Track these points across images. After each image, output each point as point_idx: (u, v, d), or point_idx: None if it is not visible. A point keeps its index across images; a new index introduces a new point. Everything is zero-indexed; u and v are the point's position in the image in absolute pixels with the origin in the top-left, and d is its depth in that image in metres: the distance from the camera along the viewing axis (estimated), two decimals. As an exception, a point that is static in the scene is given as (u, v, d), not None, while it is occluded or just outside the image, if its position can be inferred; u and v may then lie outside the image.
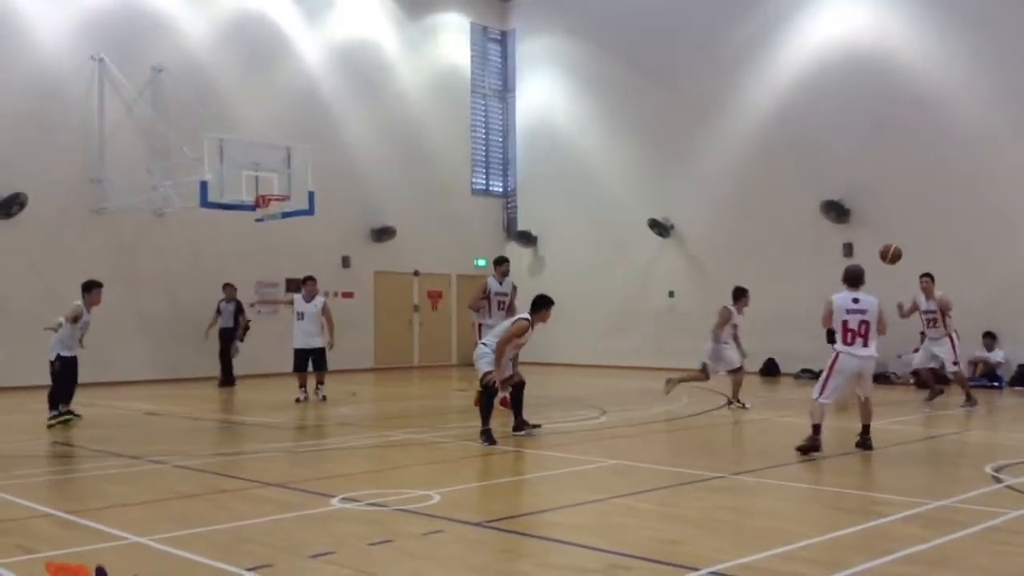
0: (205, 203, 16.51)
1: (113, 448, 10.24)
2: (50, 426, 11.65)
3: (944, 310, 14.48)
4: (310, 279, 15.62)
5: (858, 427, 9.69)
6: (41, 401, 12.29)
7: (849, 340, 9.26)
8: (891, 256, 11.78)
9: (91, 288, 12.45)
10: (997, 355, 17.65)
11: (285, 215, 17.79)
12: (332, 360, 15.67)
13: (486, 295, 13.72)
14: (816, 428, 9.16)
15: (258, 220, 18.06)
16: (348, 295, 22.54)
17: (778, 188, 20.78)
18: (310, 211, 17.66)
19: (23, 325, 17.33)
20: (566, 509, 6.99)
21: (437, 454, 9.85)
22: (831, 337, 18.53)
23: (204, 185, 16.34)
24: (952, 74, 18.67)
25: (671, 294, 22.90)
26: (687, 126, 22.52)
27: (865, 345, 9.27)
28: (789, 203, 20.52)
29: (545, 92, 25.85)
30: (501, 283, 13.86)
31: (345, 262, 22.74)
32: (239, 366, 18.70)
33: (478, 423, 10.20)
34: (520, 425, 10.74)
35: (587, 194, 24.38)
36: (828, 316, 9.47)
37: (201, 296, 19.81)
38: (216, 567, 5.17)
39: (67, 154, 18.42)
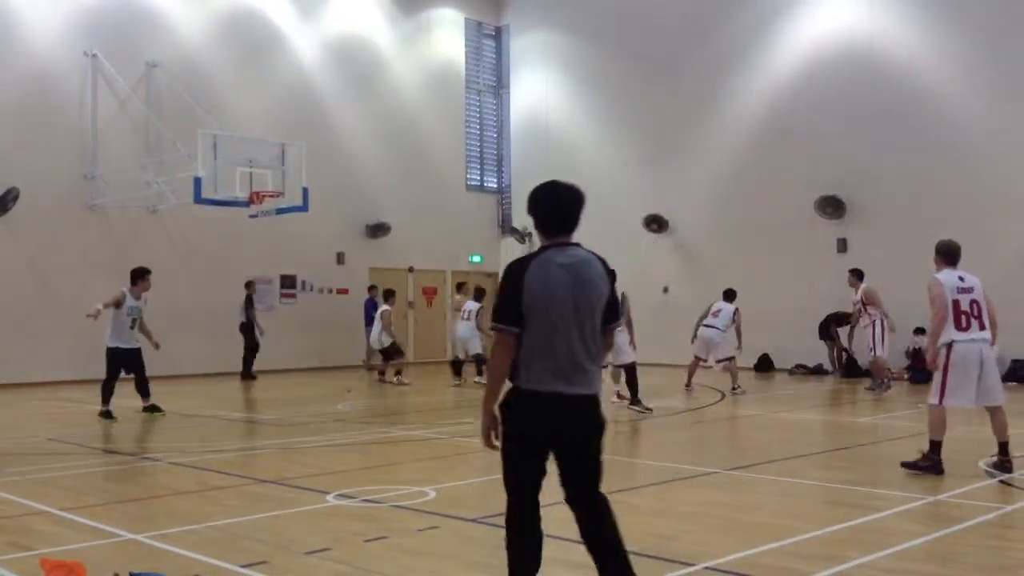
0: (199, 199, 16.48)
1: (107, 445, 10.23)
2: (145, 409, 12.46)
3: (867, 301, 15.56)
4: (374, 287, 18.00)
5: (850, 422, 9.69)
6: (37, 397, 12.26)
7: (964, 325, 8.01)
8: None
9: (138, 276, 12.64)
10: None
11: (279, 211, 17.77)
12: (328, 357, 15.68)
13: None
14: (936, 445, 7.85)
15: (252, 216, 18.04)
16: (343, 291, 22.52)
17: (772, 184, 20.80)
18: (304, 207, 17.64)
19: (17, 321, 17.31)
20: (561, 505, 6.99)
21: (432, 450, 9.86)
22: (825, 333, 18.52)
23: (198, 181, 16.30)
24: (946, 68, 18.69)
25: (665, 290, 22.92)
26: (681, 121, 22.51)
27: (982, 328, 8.14)
28: (783, 198, 20.53)
29: (539, 88, 25.83)
30: None
31: (340, 258, 22.72)
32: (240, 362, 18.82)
33: (473, 420, 10.19)
34: None
35: (581, 190, 24.34)
36: (942, 302, 7.97)
37: (195, 292, 19.81)
38: (211, 564, 5.17)
39: (61, 150, 18.37)
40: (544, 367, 4.01)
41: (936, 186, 18.58)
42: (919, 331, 18.50)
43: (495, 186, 26.87)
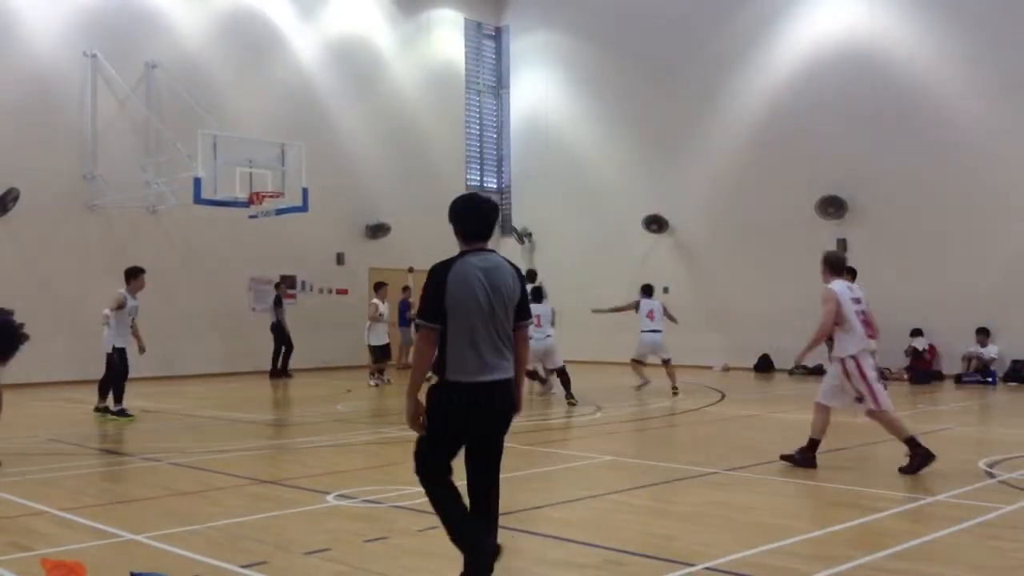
0: (199, 200, 16.47)
1: (108, 445, 10.23)
2: (113, 413, 12.17)
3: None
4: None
5: (850, 423, 9.68)
6: (37, 398, 12.26)
7: (869, 333, 8.33)
8: None
9: (132, 275, 12.79)
10: (990, 351, 17.69)
11: (279, 212, 17.77)
12: (328, 357, 15.66)
13: None
14: (912, 441, 8.05)
15: (252, 217, 18.04)
16: (343, 292, 22.53)
17: (772, 184, 20.80)
18: (304, 208, 17.64)
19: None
20: (561, 505, 7.00)
21: (432, 450, 9.85)
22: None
23: (198, 182, 16.30)
24: (946, 68, 18.70)
25: (666, 290, 22.89)
26: (682, 122, 22.52)
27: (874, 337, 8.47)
28: (783, 198, 20.54)
29: (539, 88, 25.84)
30: None
31: (339, 259, 22.72)
32: (241, 363, 18.81)
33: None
34: None
35: (582, 190, 24.38)
36: (833, 315, 8.17)
37: (195, 293, 19.81)
38: (211, 564, 5.18)
39: (61, 150, 18.37)
40: (465, 358, 4.52)
41: (936, 186, 18.58)
42: (916, 332, 18.54)
43: (495, 186, 26.87)
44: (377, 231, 23.20)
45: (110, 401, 12.44)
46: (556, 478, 8.18)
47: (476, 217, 4.71)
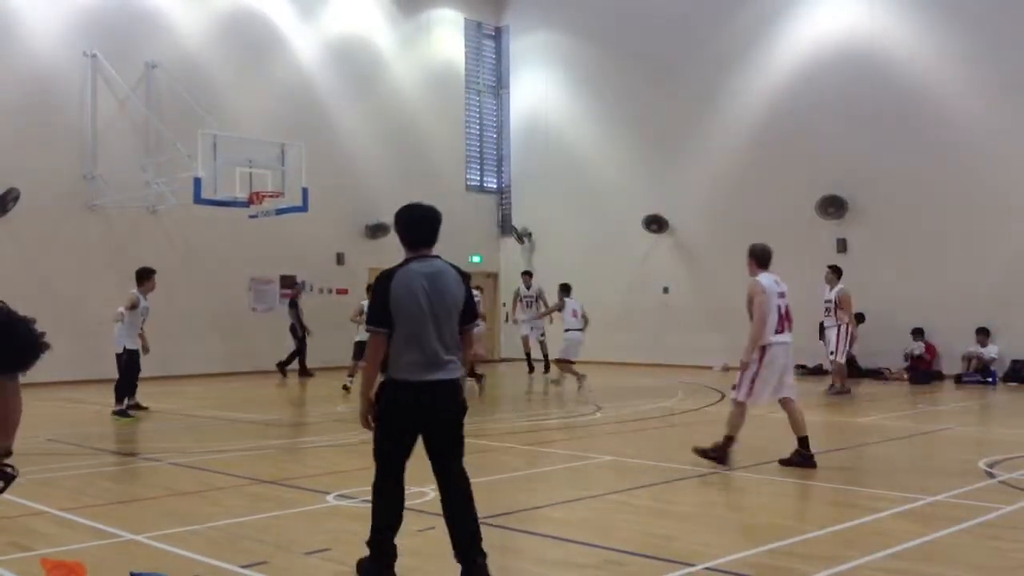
0: (199, 199, 16.48)
1: (108, 445, 10.23)
2: (115, 413, 12.23)
3: (839, 304, 15.29)
4: None
5: (850, 423, 9.69)
6: (37, 398, 12.26)
7: (780, 327, 8.35)
8: None
9: (145, 276, 12.88)
10: (990, 351, 17.69)
11: (279, 212, 17.77)
12: (328, 357, 15.68)
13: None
14: (731, 439, 8.28)
15: (252, 217, 18.04)
16: (343, 292, 22.52)
17: (772, 184, 20.79)
18: (304, 208, 17.64)
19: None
20: (561, 505, 7.00)
21: (432, 450, 9.85)
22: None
23: (198, 182, 16.31)
24: (946, 67, 18.70)
25: (666, 290, 22.92)
26: (682, 122, 22.52)
27: (791, 331, 8.46)
28: (783, 199, 20.52)
29: (539, 88, 25.83)
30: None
31: (339, 259, 22.72)
32: (241, 363, 18.81)
33: (472, 420, 10.18)
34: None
35: (582, 190, 24.38)
36: (766, 307, 8.21)
37: (195, 293, 19.81)
38: (211, 564, 5.18)
39: (61, 150, 18.37)
40: (410, 360, 4.78)
41: (936, 186, 18.58)
42: (917, 332, 18.54)
43: (495, 186, 26.87)
44: (377, 231, 23.19)
45: (139, 398, 12.80)
46: (556, 478, 8.18)
47: (418, 226, 4.99)
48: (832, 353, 15.34)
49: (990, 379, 17.32)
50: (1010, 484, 7.49)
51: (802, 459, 8.13)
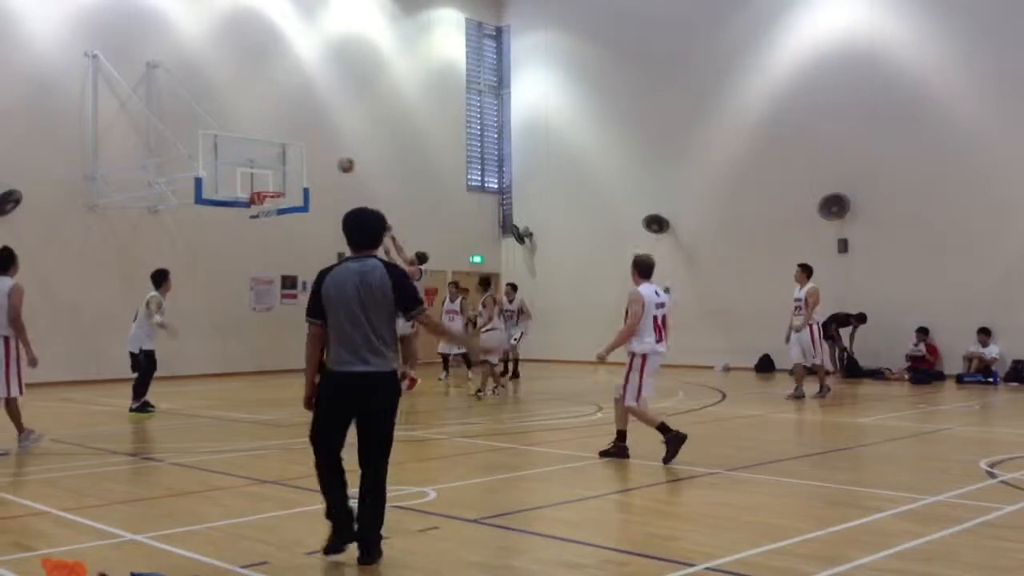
0: (200, 200, 16.48)
1: (110, 445, 10.23)
2: (132, 410, 12.72)
3: (809, 302, 14.71)
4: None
5: (851, 423, 9.69)
6: (38, 398, 12.27)
7: (659, 337, 8.83)
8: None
9: (164, 278, 13.88)
10: (992, 350, 17.68)
11: (280, 212, 17.77)
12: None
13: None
14: (663, 427, 8.62)
15: (253, 217, 18.03)
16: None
17: (773, 184, 20.79)
18: (305, 208, 17.64)
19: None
20: (562, 505, 7.00)
21: (433, 451, 9.86)
22: (826, 333, 18.45)
23: (199, 182, 16.31)
24: (947, 67, 18.69)
25: (667, 290, 22.84)
26: (682, 121, 22.52)
27: (667, 340, 8.97)
28: (784, 199, 20.53)
29: (540, 88, 25.84)
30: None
31: (340, 259, 22.68)
32: (241, 363, 18.81)
33: (473, 420, 10.20)
34: None
35: (582, 190, 24.38)
36: (639, 316, 8.68)
37: (196, 293, 19.78)
38: (212, 564, 5.18)
39: (62, 151, 18.37)
40: (337, 352, 5.21)
41: (937, 186, 18.57)
42: (921, 331, 18.52)
43: (496, 186, 26.87)
44: (378, 231, 23.18)
45: (150, 396, 13.06)
46: (556, 478, 8.18)
47: (357, 230, 5.43)
48: (814, 356, 14.78)
49: (991, 379, 17.30)
50: (1011, 484, 7.49)
51: (618, 450, 8.80)
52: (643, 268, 9.12)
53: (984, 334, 17.76)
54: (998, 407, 14.35)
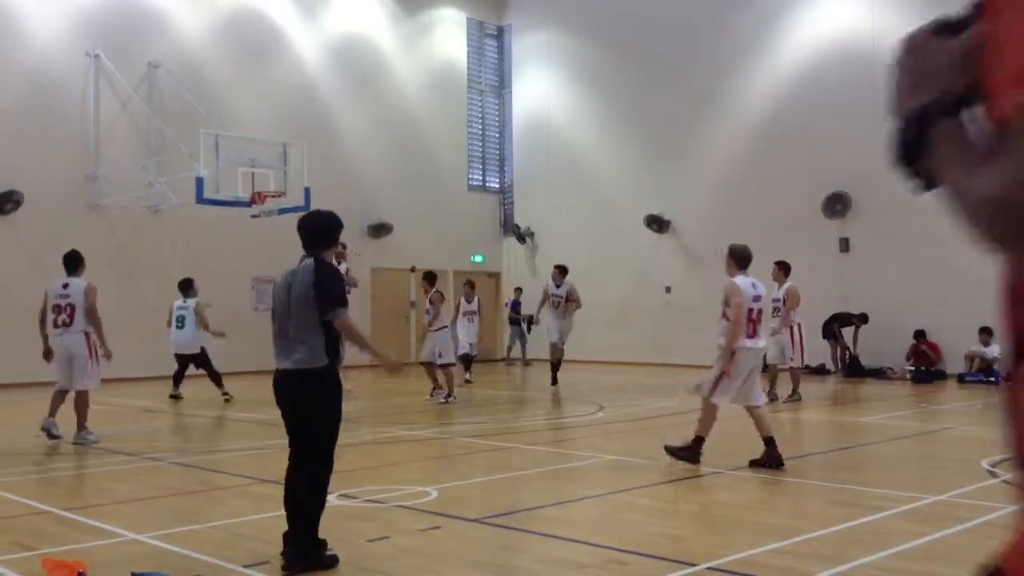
0: (201, 199, 16.49)
1: (111, 445, 10.23)
2: (227, 399, 14.41)
3: (788, 303, 14.01)
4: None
5: (853, 422, 9.68)
6: (38, 397, 12.27)
7: (752, 332, 8.34)
8: None
9: (190, 286, 15.63)
10: (993, 350, 17.67)
11: (281, 211, 17.76)
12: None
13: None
14: (770, 440, 8.14)
15: (254, 217, 18.04)
16: (345, 291, 22.51)
17: (774, 183, 20.78)
18: (306, 207, 17.58)
19: (18, 321, 17.30)
20: (564, 504, 7.00)
21: (434, 450, 9.86)
22: (828, 332, 18.36)
23: (200, 181, 16.32)
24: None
25: (668, 289, 22.91)
26: (684, 121, 22.51)
27: (760, 336, 8.46)
28: (785, 198, 20.52)
29: (541, 88, 25.84)
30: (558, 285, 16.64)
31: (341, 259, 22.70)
32: (242, 362, 18.80)
33: (474, 419, 10.20)
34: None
35: (584, 189, 24.37)
36: (741, 310, 8.22)
37: (197, 292, 19.77)
38: (213, 563, 5.18)
39: (63, 151, 18.37)
40: (274, 348, 5.62)
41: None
42: (919, 333, 18.52)
43: (497, 186, 26.86)
44: (379, 231, 23.20)
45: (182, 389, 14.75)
46: (559, 478, 8.17)
47: (304, 232, 5.58)
48: (791, 359, 14.25)
49: (993, 378, 17.30)
50: (1013, 484, 7.47)
51: (771, 460, 8.07)
52: (740, 258, 8.64)
53: (986, 334, 17.75)
54: (999, 407, 14.31)
